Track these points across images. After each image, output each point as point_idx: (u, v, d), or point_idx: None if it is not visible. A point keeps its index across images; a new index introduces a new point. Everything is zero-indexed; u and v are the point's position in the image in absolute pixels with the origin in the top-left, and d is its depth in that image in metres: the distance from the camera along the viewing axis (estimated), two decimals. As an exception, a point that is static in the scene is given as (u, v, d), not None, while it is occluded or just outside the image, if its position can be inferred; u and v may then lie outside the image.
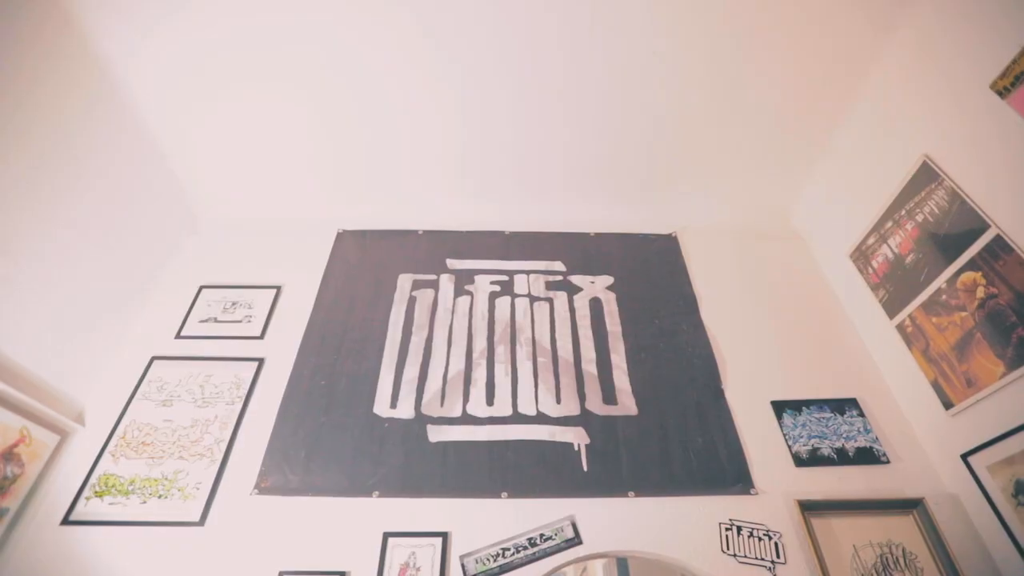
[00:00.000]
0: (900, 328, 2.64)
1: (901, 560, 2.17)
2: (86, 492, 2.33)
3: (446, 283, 3.30)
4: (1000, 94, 2.09)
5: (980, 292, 2.19)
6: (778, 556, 2.22)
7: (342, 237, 3.49)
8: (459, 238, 3.54)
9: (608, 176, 3.31)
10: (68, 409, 2.48)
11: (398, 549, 2.24)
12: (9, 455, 2.13)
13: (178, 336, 2.92)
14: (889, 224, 2.70)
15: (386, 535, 2.26)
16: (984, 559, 2.16)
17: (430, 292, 3.25)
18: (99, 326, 2.72)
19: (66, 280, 2.51)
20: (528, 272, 3.37)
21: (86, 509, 2.28)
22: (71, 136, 2.51)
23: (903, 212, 2.61)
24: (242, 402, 2.66)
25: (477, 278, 3.33)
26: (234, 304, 3.07)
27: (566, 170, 3.28)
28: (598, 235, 3.57)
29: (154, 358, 2.80)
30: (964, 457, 2.24)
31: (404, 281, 3.29)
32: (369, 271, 3.33)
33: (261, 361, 2.83)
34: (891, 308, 2.70)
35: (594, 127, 3.00)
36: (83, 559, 2.16)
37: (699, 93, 2.83)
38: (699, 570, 2.22)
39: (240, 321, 3.00)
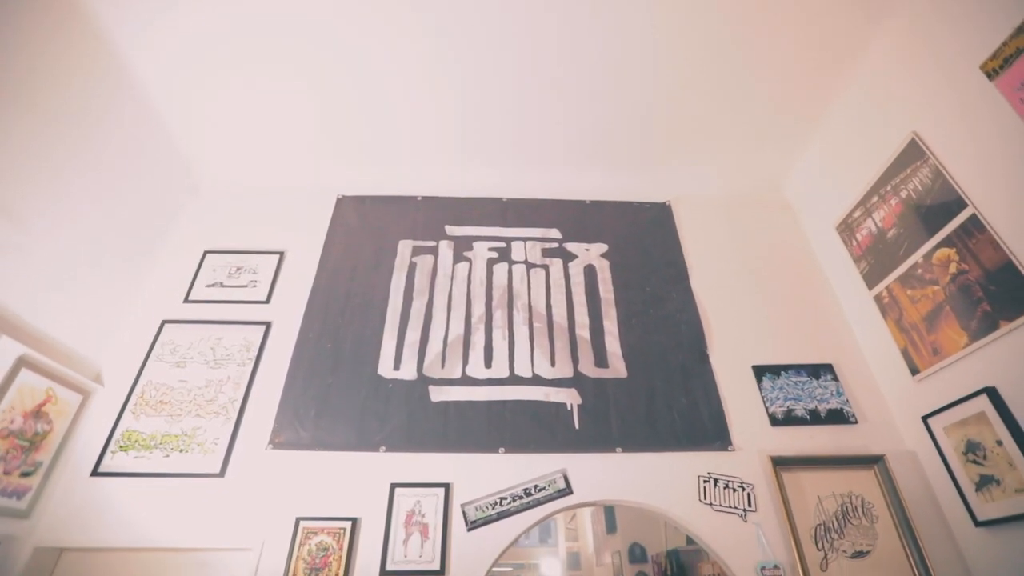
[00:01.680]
0: (878, 299, 2.79)
1: (859, 509, 2.41)
2: (111, 447, 2.49)
3: (445, 249, 3.38)
4: (989, 76, 2.14)
5: (952, 268, 2.32)
6: (750, 505, 2.45)
7: (342, 203, 3.54)
8: (458, 205, 3.59)
9: (605, 145, 3.34)
10: (87, 370, 2.60)
11: (404, 498, 2.45)
12: (38, 414, 2.27)
13: (186, 300, 3.02)
14: (875, 199, 2.80)
15: (393, 486, 2.47)
16: (932, 507, 2.40)
17: (430, 258, 3.34)
18: (109, 291, 2.81)
19: (75, 247, 2.57)
20: (525, 239, 3.46)
21: (113, 462, 2.46)
22: (76, 105, 2.51)
23: (889, 187, 2.70)
24: (252, 363, 2.80)
25: (475, 245, 3.42)
26: (239, 269, 3.16)
27: (563, 138, 3.30)
28: (594, 203, 3.64)
29: (164, 321, 2.91)
30: (924, 419, 2.44)
31: (404, 247, 3.37)
32: (369, 237, 3.40)
33: (268, 325, 2.95)
34: (871, 279, 2.84)
35: (591, 96, 3.01)
36: (113, 507, 2.35)
37: (696, 66, 2.83)
38: (678, 517, 2.46)
39: (246, 286, 3.09)
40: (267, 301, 3.05)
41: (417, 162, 3.45)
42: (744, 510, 2.44)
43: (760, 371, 2.87)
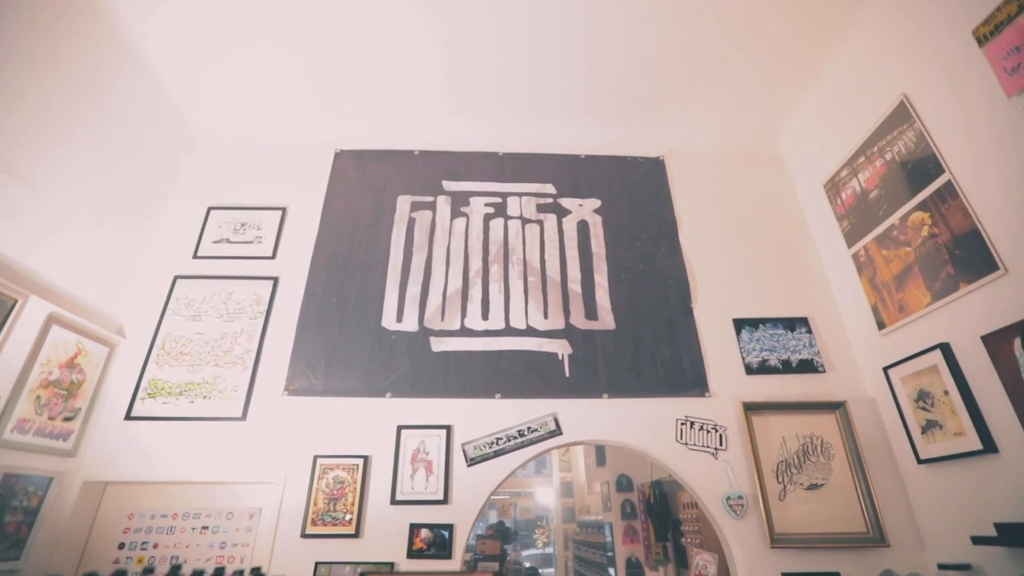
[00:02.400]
0: (855, 257, 2.93)
1: (819, 448, 2.69)
2: (140, 394, 2.72)
3: (443, 205, 3.47)
4: (980, 41, 2.16)
5: (925, 231, 2.45)
6: (721, 444, 2.73)
7: (340, 157, 3.58)
8: (454, 159, 3.64)
9: (598, 99, 3.34)
10: (109, 325, 2.78)
11: (410, 438, 2.71)
12: (71, 365, 2.47)
13: (195, 256, 3.14)
14: (861, 159, 2.87)
15: (400, 427, 2.72)
16: (883, 446, 2.68)
17: (428, 214, 3.44)
18: (121, 248, 2.93)
19: (86, 207, 2.66)
20: (520, 194, 3.54)
21: (143, 407, 2.69)
22: (77, 69, 2.53)
23: (875, 149, 2.76)
24: (263, 317, 2.98)
25: (472, 200, 3.50)
26: (243, 225, 3.26)
27: (555, 92, 3.29)
28: (588, 157, 3.68)
29: (177, 277, 3.06)
30: (885, 369, 2.66)
31: (403, 203, 3.46)
32: (369, 192, 3.48)
33: (276, 280, 3.10)
34: (851, 238, 2.96)
35: (583, 50, 2.98)
36: (148, 446, 2.61)
37: (690, 20, 2.79)
38: (656, 454, 2.74)
39: (251, 242, 3.21)
40: (273, 257, 3.18)
41: (411, 116, 3.46)
42: (715, 449, 2.72)
43: (740, 324, 3.06)
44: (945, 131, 2.37)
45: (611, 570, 5.79)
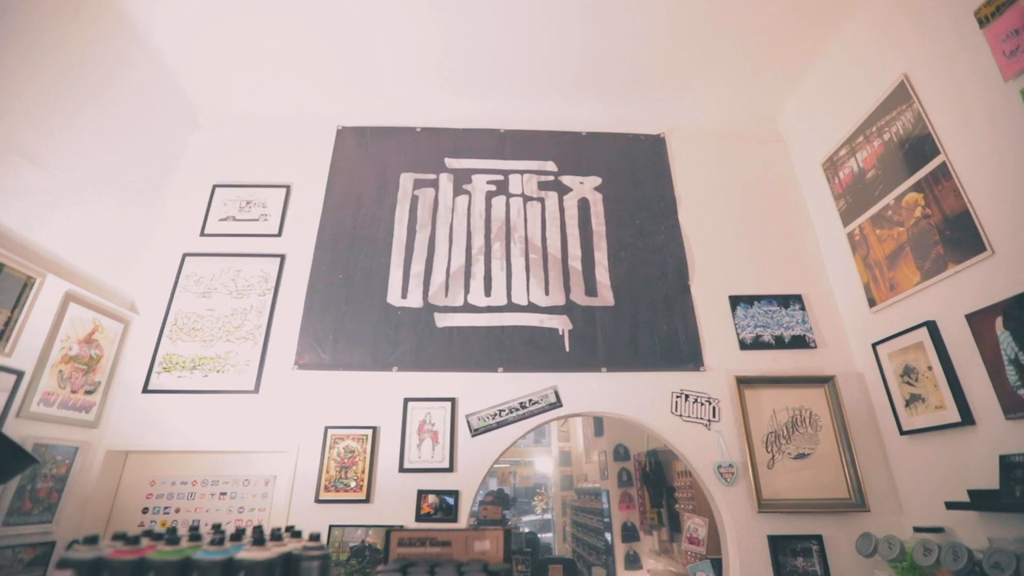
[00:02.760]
0: (850, 236, 2.99)
1: (807, 420, 2.81)
2: (156, 368, 2.82)
3: (445, 182, 3.51)
4: (981, 23, 2.17)
5: (918, 212, 2.51)
6: (714, 416, 2.85)
7: (342, 134, 3.59)
8: (456, 136, 3.65)
9: (599, 75, 3.33)
10: (122, 302, 2.86)
11: (416, 410, 2.83)
12: (89, 341, 2.56)
13: (203, 234, 3.20)
14: (860, 139, 2.89)
15: (406, 400, 2.84)
16: (869, 418, 2.80)
17: (431, 191, 3.47)
18: (130, 227, 2.98)
19: (94, 187, 2.70)
20: (522, 172, 3.57)
21: (159, 380, 2.80)
22: (81, 48, 2.53)
23: (874, 129, 2.79)
24: (272, 293, 3.06)
25: (474, 177, 3.54)
26: (248, 203, 3.30)
27: (555, 68, 3.28)
28: (590, 134, 3.70)
29: (186, 255, 3.12)
30: (874, 345, 2.76)
31: (406, 180, 3.49)
32: (372, 169, 3.51)
33: (283, 257, 3.16)
34: (847, 217, 3.02)
35: (582, 25, 2.96)
36: (166, 418, 2.73)
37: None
38: (652, 425, 2.86)
39: (257, 219, 3.26)
40: (279, 234, 3.23)
41: (411, 92, 3.46)
42: (709, 421, 2.84)
43: (735, 300, 3.15)
44: (943, 113, 2.40)
45: (607, 535, 6.05)
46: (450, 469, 2.70)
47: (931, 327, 2.39)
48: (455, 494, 2.63)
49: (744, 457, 2.72)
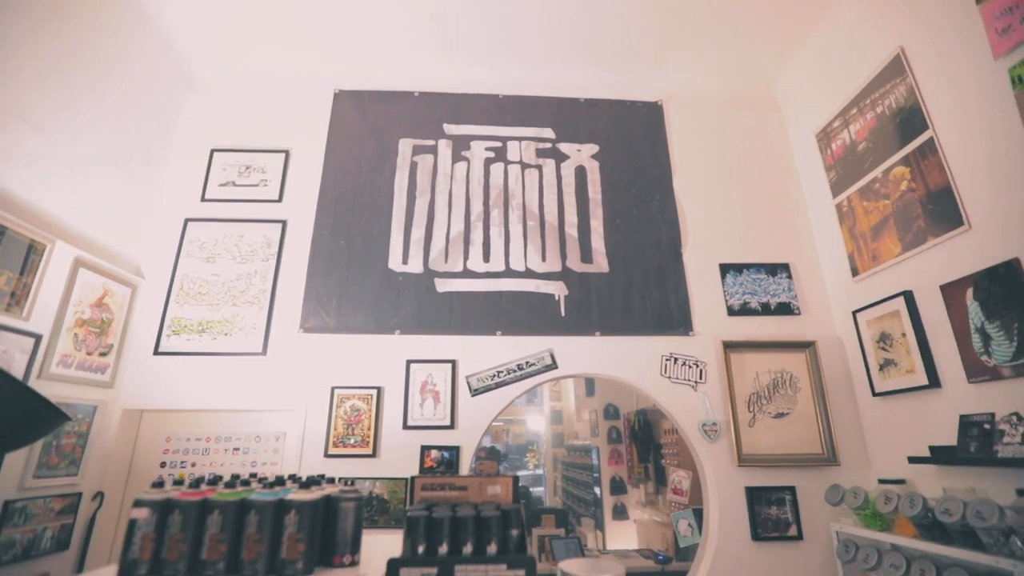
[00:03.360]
0: (838, 207, 3.08)
1: (787, 382, 2.98)
2: (165, 331, 2.91)
3: (444, 149, 3.52)
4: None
5: (904, 185, 2.60)
6: (700, 378, 3.01)
7: (340, 98, 3.56)
8: (454, 101, 3.64)
9: (598, 40, 3.31)
10: (129, 267, 2.91)
11: (419, 371, 2.96)
12: (100, 305, 2.64)
13: (203, 199, 3.22)
14: (854, 111, 2.94)
15: (408, 361, 2.96)
16: (844, 381, 2.99)
17: (430, 158, 3.50)
18: (131, 192, 3.00)
19: (93, 152, 2.71)
20: (520, 139, 3.59)
21: (169, 343, 2.90)
22: (76, 10, 2.49)
23: (868, 101, 2.84)
24: (275, 259, 3.12)
25: (473, 144, 3.55)
26: (248, 168, 3.31)
27: (552, 31, 3.25)
28: (588, 101, 3.70)
29: (188, 220, 3.15)
30: (854, 313, 2.90)
31: (404, 146, 3.50)
32: (370, 135, 3.51)
33: (284, 223, 3.21)
34: (836, 189, 3.10)
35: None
36: (177, 378, 2.84)
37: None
38: (642, 386, 3.02)
39: (257, 185, 3.28)
40: (280, 200, 3.27)
41: (407, 55, 3.42)
42: (696, 382, 3.01)
43: (726, 268, 3.26)
44: (935, 88, 2.45)
45: (596, 488, 6.38)
46: (451, 426, 2.86)
47: (908, 297, 2.53)
48: (456, 449, 2.80)
49: (727, 416, 2.90)
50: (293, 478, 1.28)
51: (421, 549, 1.05)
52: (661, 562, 4.02)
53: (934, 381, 2.37)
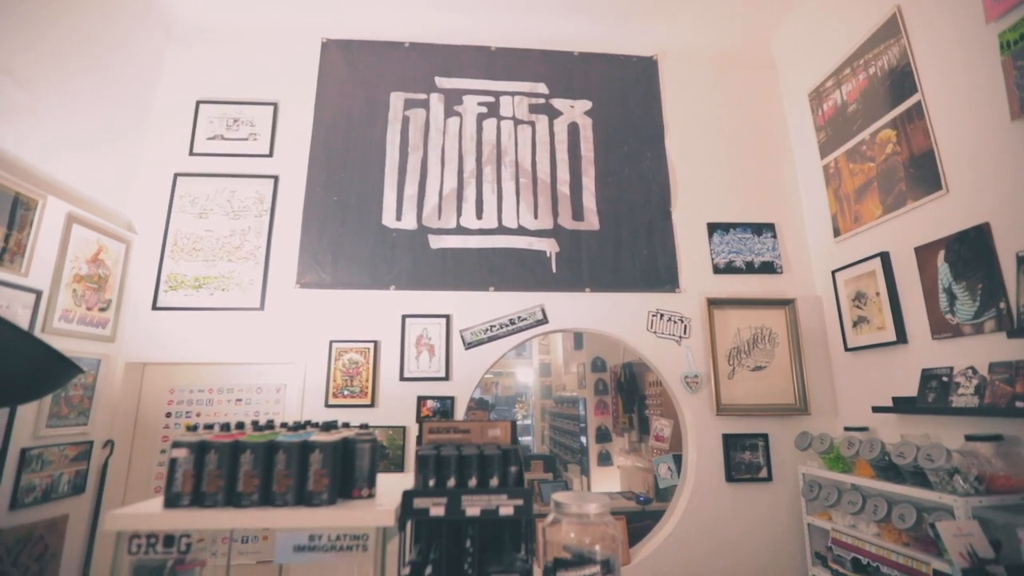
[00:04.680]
0: (825, 168, 3.14)
1: (767, 337, 3.14)
2: (162, 287, 2.95)
3: (436, 103, 3.47)
4: (975, -43, 2.19)
5: (889, 148, 2.66)
6: (685, 333, 3.15)
7: (328, 48, 3.46)
8: (446, 53, 3.55)
9: (599, -8, 3.23)
10: (121, 222, 2.91)
11: (414, 326, 3.06)
12: (95, 261, 2.66)
13: (192, 153, 3.18)
14: (847, 71, 2.95)
15: (404, 316, 3.05)
16: (820, 337, 3.15)
17: (421, 112, 3.45)
18: (117, 146, 2.94)
19: (78, 106, 2.64)
20: (513, 93, 3.54)
21: (167, 298, 2.94)
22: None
23: (861, 61, 2.84)
24: (268, 215, 3.13)
25: (465, 98, 3.51)
26: (236, 121, 3.25)
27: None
28: (582, 55, 3.63)
29: (177, 175, 3.12)
30: (833, 272, 3.02)
31: (396, 100, 3.45)
32: (360, 88, 3.43)
33: (276, 178, 3.19)
34: (825, 150, 3.15)
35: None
36: (178, 333, 2.90)
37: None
38: (629, 341, 3.16)
39: (246, 139, 3.23)
40: (270, 154, 3.23)
41: (399, 2, 3.29)
42: (680, 337, 3.15)
43: (713, 227, 3.35)
44: (926, 50, 2.47)
45: (583, 437, 6.70)
46: (446, 378, 2.98)
47: (884, 257, 2.64)
48: (451, 399, 2.95)
49: (708, 369, 3.06)
50: (310, 423, 1.40)
51: (431, 483, 1.18)
52: (642, 503, 4.32)
53: (901, 337, 2.52)
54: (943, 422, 2.26)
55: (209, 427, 1.33)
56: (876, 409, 2.57)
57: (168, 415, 2.89)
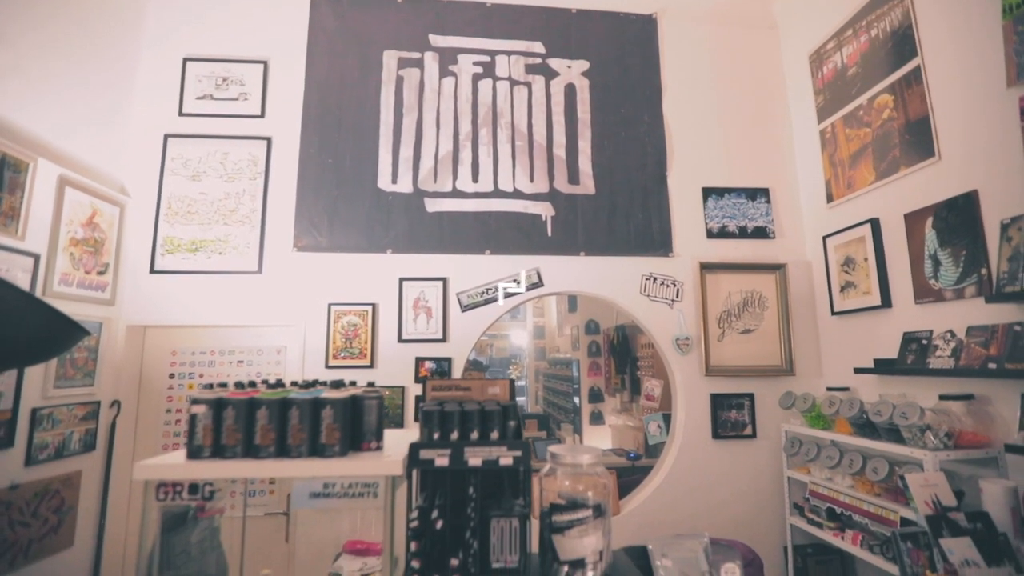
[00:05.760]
0: (822, 133, 3.14)
1: (757, 301, 3.22)
2: (159, 251, 2.95)
3: (430, 62, 3.40)
4: (984, -86, 2.13)
5: (885, 114, 2.66)
6: (677, 297, 3.22)
7: (317, 2, 3.34)
8: (440, 9, 3.44)
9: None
10: (113, 185, 2.88)
11: (411, 289, 3.10)
12: (91, 224, 2.65)
13: (181, 114, 3.11)
14: (849, 33, 2.91)
15: (401, 279, 3.09)
16: (808, 301, 3.23)
17: (416, 72, 3.38)
18: (106, 107, 2.87)
19: (63, 63, 2.56)
20: (509, 53, 3.46)
21: (165, 262, 2.95)
22: None
23: (864, 22, 2.80)
24: (263, 177, 3.10)
25: (460, 58, 3.43)
26: (225, 80, 3.17)
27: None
28: (580, 12, 3.54)
29: (167, 136, 3.07)
30: (824, 238, 3.07)
31: (389, 59, 3.36)
32: (353, 45, 3.34)
33: (269, 140, 3.14)
34: (822, 114, 3.14)
35: None
36: (177, 296, 2.93)
37: None
38: (622, 304, 3.23)
39: (237, 99, 3.16)
40: (262, 115, 3.17)
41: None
42: (672, 300, 3.22)
43: (708, 192, 3.36)
44: (929, 13, 2.43)
45: (576, 398, 6.89)
46: (443, 340, 3.05)
47: (874, 224, 2.69)
48: (449, 360, 3.03)
49: (699, 331, 3.15)
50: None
51: (436, 436, 1.25)
52: (632, 459, 4.51)
53: (886, 302, 2.60)
54: (920, 382, 2.37)
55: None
56: (858, 370, 2.67)
57: (172, 376, 2.96)
